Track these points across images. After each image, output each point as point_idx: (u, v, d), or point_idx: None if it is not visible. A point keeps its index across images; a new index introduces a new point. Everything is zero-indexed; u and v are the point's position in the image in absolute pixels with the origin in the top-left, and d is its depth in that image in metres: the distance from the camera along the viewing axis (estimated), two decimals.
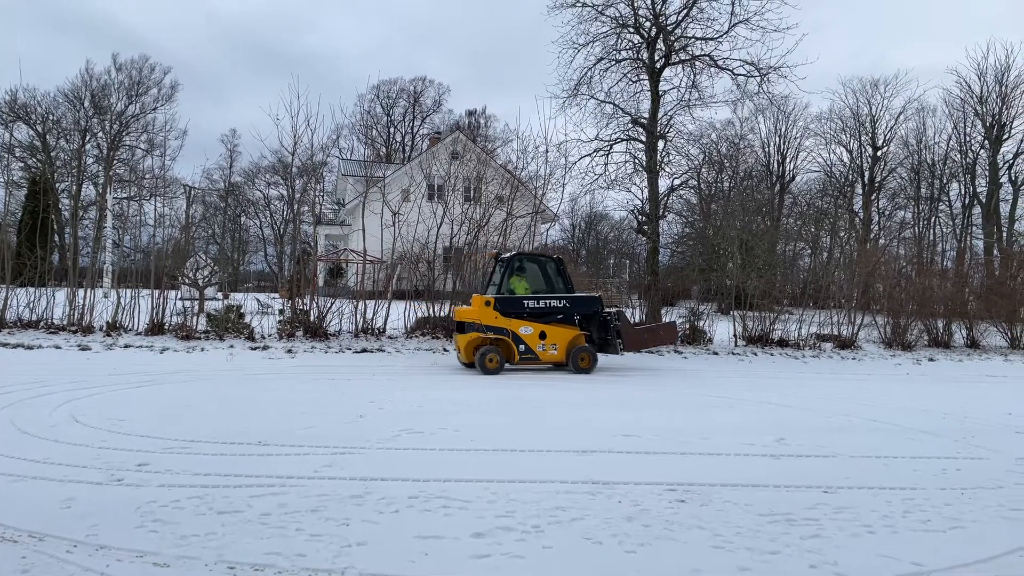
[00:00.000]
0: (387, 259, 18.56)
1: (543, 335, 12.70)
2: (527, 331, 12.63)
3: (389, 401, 8.88)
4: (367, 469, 5.54)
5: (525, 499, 4.88)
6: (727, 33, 26.12)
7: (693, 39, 26.51)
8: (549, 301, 12.88)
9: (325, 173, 32.46)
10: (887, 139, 44.67)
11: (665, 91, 27.35)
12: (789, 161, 46.40)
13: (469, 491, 5.03)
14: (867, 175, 44.97)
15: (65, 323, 15.00)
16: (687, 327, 17.77)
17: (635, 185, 34.31)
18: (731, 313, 19.34)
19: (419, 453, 6.18)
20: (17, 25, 64.53)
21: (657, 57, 26.71)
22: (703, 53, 26.50)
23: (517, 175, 18.98)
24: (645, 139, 27.88)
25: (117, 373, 10.57)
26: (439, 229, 17.61)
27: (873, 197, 44.42)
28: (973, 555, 4.10)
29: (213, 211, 55.19)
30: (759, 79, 26.89)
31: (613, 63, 27.40)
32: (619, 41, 26.66)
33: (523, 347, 12.61)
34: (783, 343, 17.77)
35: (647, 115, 27.12)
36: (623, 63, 27.70)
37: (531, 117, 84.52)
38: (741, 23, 25.72)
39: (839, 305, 20.61)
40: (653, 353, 15.77)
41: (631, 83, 27.51)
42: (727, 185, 38.70)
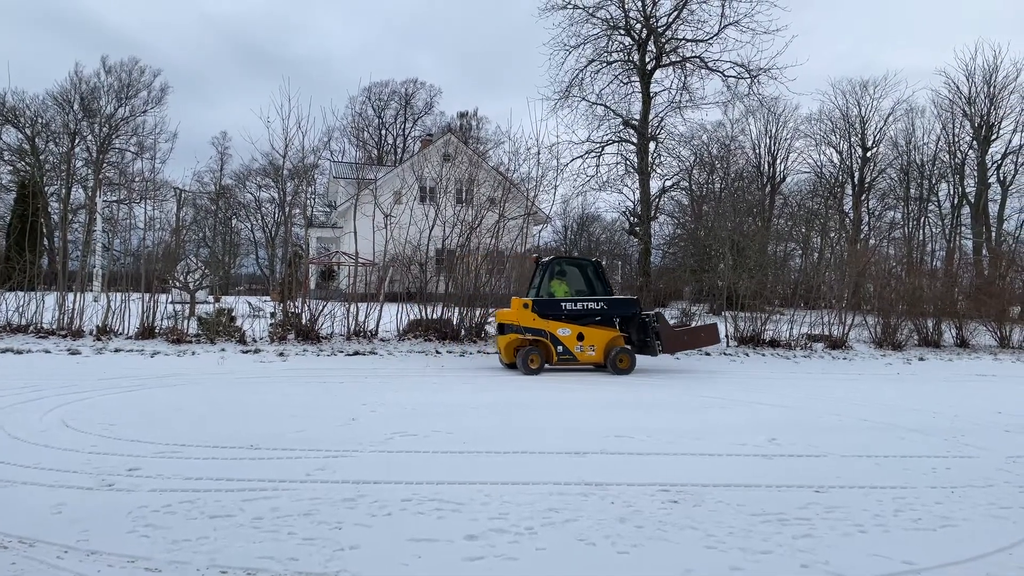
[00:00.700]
0: (379, 261, 18.53)
1: (581, 336, 12.91)
2: (565, 333, 12.86)
3: (381, 404, 8.87)
4: (360, 472, 5.53)
5: (518, 501, 4.88)
6: (717, 35, 26.23)
7: (684, 41, 26.63)
8: (586, 303, 13.13)
9: (316, 175, 32.39)
10: (876, 140, 44.95)
11: (656, 93, 27.48)
12: (780, 162, 46.62)
13: (462, 493, 5.03)
14: (857, 176, 45.23)
15: (55, 327, 14.90)
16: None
17: (627, 186, 34.47)
18: (723, 314, 19.41)
19: (412, 456, 6.17)
20: (4, 26, 64.14)
21: (648, 59, 26.76)
22: (694, 55, 26.65)
23: (509, 177, 18.99)
24: (636, 141, 27.95)
25: (107, 377, 10.50)
26: (431, 231, 17.59)
27: (863, 198, 44.67)
28: (963, 553, 4.13)
29: (204, 214, 54.99)
30: (749, 81, 27.05)
31: (604, 65, 27.47)
32: (610, 43, 26.76)
33: (561, 348, 12.86)
34: (774, 343, 17.83)
35: (638, 117, 27.17)
36: (614, 65, 27.75)
37: (523, 119, 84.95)
38: (731, 25, 25.82)
39: (830, 305, 20.69)
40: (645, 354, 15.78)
41: (622, 85, 27.64)
42: (718, 186, 38.82)
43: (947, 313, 20.37)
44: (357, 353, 14.51)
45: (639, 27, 26.27)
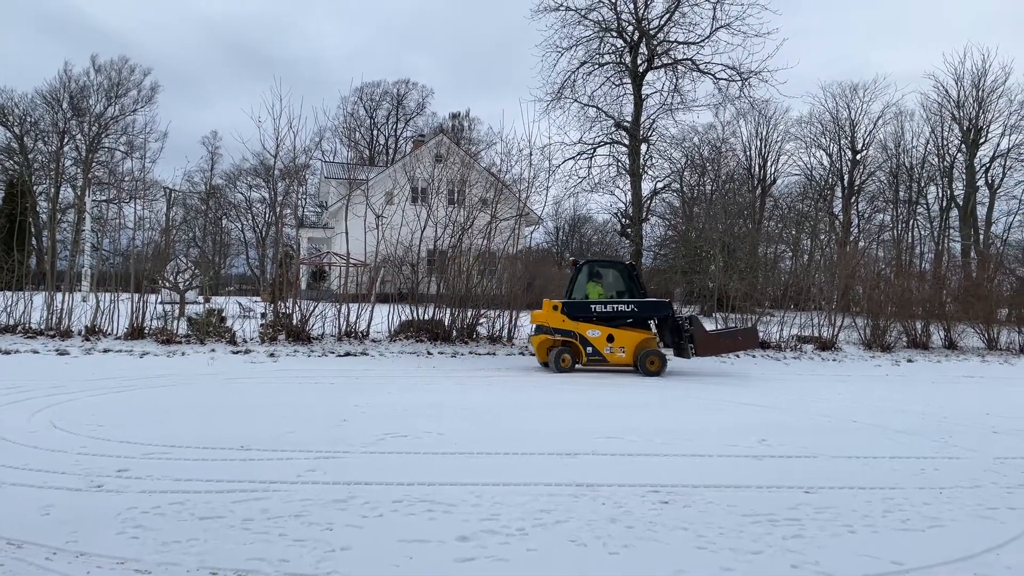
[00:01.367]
0: (370, 262, 18.49)
1: (611, 338, 13.05)
2: (594, 334, 13.02)
3: (373, 405, 8.85)
4: (351, 473, 5.51)
5: (509, 502, 4.88)
6: (709, 38, 26.32)
7: (675, 43, 26.71)
8: (616, 305, 13.26)
9: (308, 176, 32.30)
10: (866, 143, 45.30)
11: (648, 95, 27.55)
12: (770, 164, 46.91)
13: (453, 494, 5.03)
14: (847, 178, 45.54)
15: (43, 327, 14.78)
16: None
17: (618, 188, 34.52)
18: (713, 315, 19.48)
19: (403, 457, 6.16)
20: None
21: (640, 61, 26.83)
22: (685, 57, 26.73)
23: (501, 178, 18.99)
24: (628, 142, 28.01)
25: (96, 378, 10.43)
26: (423, 232, 17.57)
27: (853, 200, 44.98)
28: (951, 554, 4.16)
29: (194, 214, 54.75)
30: (740, 83, 27.15)
31: (596, 67, 27.53)
32: (602, 45, 26.82)
33: (590, 349, 13.04)
34: (765, 344, 17.91)
35: (630, 119, 27.23)
36: (606, 67, 27.81)
37: (515, 120, 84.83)
38: (723, 28, 25.92)
39: (820, 307, 20.81)
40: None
41: (614, 87, 27.70)
42: (709, 188, 38.99)
43: (935, 315, 20.54)
44: (348, 354, 14.48)
45: (631, 29, 26.35)
